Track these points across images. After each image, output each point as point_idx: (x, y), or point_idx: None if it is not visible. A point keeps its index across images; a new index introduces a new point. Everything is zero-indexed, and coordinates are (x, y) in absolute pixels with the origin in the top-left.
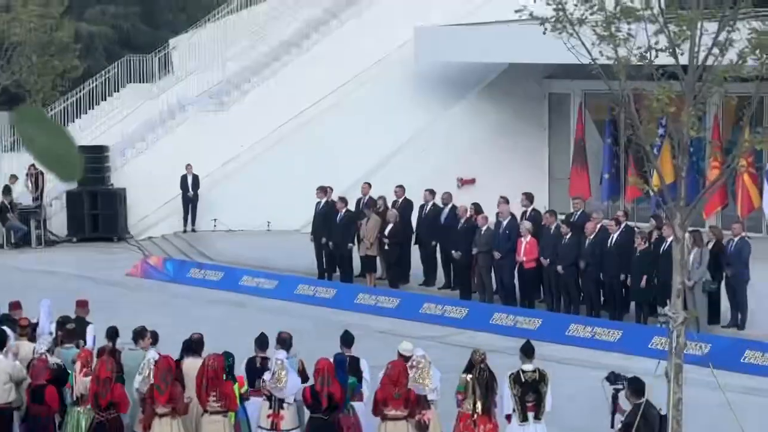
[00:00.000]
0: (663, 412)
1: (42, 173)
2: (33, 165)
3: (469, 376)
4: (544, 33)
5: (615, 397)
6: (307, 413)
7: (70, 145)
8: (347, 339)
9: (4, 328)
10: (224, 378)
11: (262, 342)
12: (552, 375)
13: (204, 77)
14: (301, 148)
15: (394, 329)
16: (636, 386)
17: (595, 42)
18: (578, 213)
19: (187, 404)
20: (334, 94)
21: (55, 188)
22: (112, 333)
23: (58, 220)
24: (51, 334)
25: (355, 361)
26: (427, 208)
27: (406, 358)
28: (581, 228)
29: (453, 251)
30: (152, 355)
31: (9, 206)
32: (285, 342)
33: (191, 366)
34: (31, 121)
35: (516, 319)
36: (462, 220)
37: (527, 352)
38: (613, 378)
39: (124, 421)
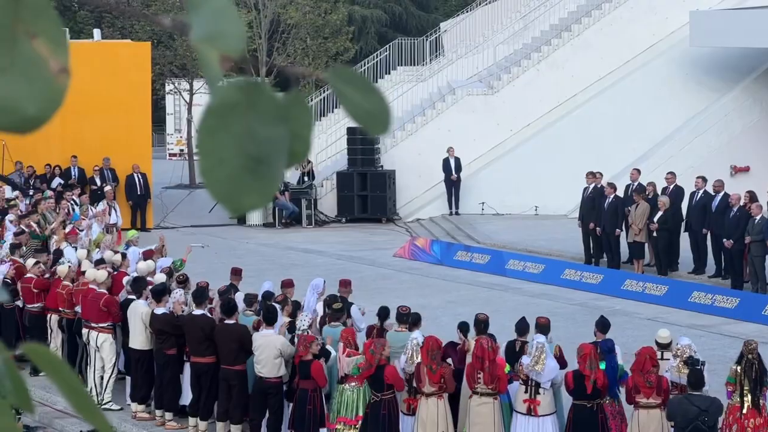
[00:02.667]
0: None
1: (311, 165)
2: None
3: (739, 367)
4: None
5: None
6: (568, 400)
7: (381, 101)
8: (603, 324)
9: (275, 304)
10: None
11: (521, 327)
12: None
13: (474, 60)
14: (570, 133)
15: (662, 317)
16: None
17: None
18: None
19: (453, 384)
20: (605, 79)
21: (326, 169)
22: (383, 313)
23: (328, 201)
24: (314, 312)
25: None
26: (698, 195)
27: (664, 346)
28: None
29: (724, 239)
30: (417, 336)
31: (281, 186)
32: (544, 327)
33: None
34: (344, 79)
35: None
36: (735, 209)
37: None
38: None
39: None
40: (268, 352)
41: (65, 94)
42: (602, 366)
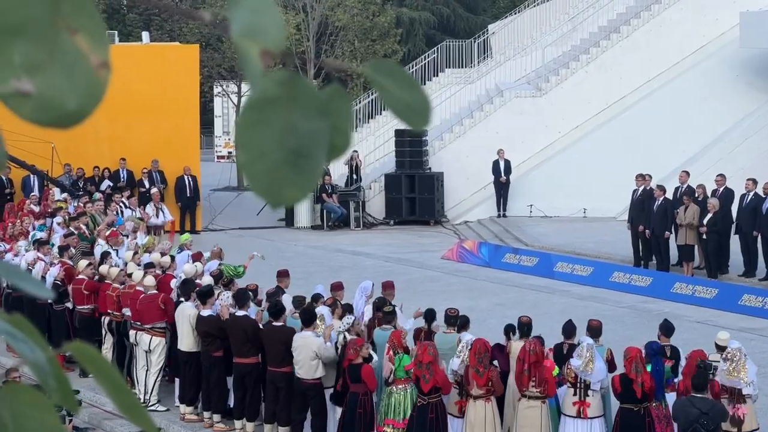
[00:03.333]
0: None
1: (358, 157)
2: (354, 150)
3: None
4: None
5: None
6: (615, 403)
7: (421, 94)
8: (667, 328)
9: (319, 307)
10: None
11: (568, 330)
12: None
13: (522, 62)
14: (619, 135)
15: (712, 320)
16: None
17: None
18: None
19: (501, 386)
20: (654, 80)
21: (374, 171)
22: (430, 315)
23: (376, 203)
24: (362, 314)
25: (675, 351)
26: (749, 198)
27: (723, 349)
28: None
29: None
30: (468, 337)
31: (329, 188)
32: (595, 329)
33: (518, 348)
34: (383, 72)
35: None
36: None
37: None
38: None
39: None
40: (305, 353)
41: (106, 89)
42: (648, 368)
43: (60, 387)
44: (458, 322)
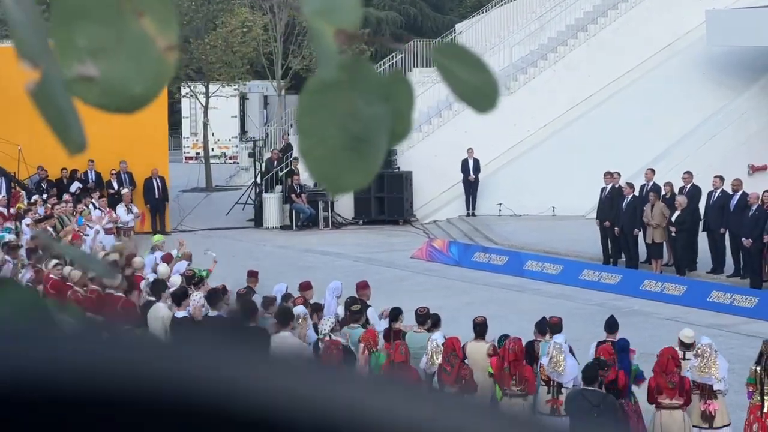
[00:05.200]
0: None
1: None
2: None
3: (759, 367)
4: None
5: None
6: None
7: (490, 76)
8: (609, 324)
9: (297, 307)
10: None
11: (542, 327)
12: None
13: (490, 61)
14: (587, 133)
15: (680, 316)
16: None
17: None
18: None
19: (475, 384)
20: (621, 79)
21: None
22: (395, 314)
23: (344, 203)
24: (336, 315)
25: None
26: (716, 195)
27: (688, 346)
28: None
29: (743, 239)
30: (437, 337)
31: (297, 188)
32: (556, 326)
33: (474, 349)
34: (450, 55)
35: None
36: (753, 207)
37: None
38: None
39: None
40: None
41: (173, 72)
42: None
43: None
44: (429, 321)
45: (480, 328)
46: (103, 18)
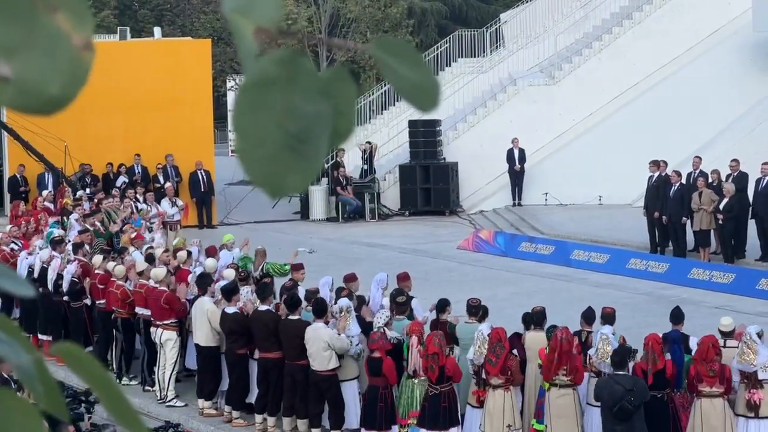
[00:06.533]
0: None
1: (373, 147)
2: (368, 141)
3: None
4: None
5: None
6: None
7: (429, 74)
8: (677, 315)
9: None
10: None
11: (588, 316)
12: None
13: (535, 51)
14: (633, 121)
15: (729, 305)
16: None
17: None
18: None
19: (520, 376)
20: (667, 66)
21: (388, 162)
22: (443, 305)
23: (391, 194)
24: (382, 307)
25: (685, 338)
26: (764, 182)
27: (727, 334)
28: None
29: None
30: (484, 327)
31: (343, 181)
32: (608, 317)
33: (533, 339)
34: (388, 51)
35: None
36: None
37: None
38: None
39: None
40: (317, 345)
41: (90, 72)
42: (668, 357)
43: (47, 392)
44: (480, 311)
45: (537, 317)
46: (14, 13)
